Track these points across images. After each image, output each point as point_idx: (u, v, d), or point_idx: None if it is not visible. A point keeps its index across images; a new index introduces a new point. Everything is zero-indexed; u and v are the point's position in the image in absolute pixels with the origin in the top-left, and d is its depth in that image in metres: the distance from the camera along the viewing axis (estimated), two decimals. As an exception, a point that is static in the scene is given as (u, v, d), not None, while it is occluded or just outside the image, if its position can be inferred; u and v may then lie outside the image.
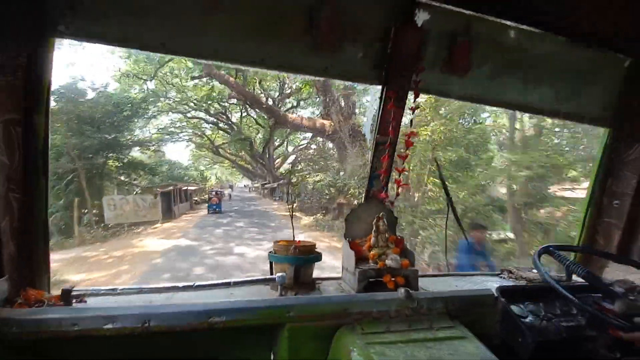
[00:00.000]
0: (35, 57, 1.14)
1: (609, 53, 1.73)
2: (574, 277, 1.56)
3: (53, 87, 1.26)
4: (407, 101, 1.55)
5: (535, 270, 1.66)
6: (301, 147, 32.17)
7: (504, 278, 1.72)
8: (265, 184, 38.75)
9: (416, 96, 1.55)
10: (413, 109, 1.61)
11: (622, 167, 1.80)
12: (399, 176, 1.64)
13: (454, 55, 1.54)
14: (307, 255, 1.47)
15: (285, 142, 34.57)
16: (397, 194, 1.70)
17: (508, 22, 1.54)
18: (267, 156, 33.11)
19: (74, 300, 1.18)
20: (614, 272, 1.74)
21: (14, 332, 0.97)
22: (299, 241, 1.52)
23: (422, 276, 1.58)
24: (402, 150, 1.66)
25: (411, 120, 1.80)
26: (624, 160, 1.79)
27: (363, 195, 1.66)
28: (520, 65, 1.69)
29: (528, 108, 1.84)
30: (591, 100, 1.83)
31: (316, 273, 1.55)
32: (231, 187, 66.93)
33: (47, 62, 1.19)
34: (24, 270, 1.18)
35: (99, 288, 1.27)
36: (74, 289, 1.18)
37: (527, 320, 1.26)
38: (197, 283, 1.33)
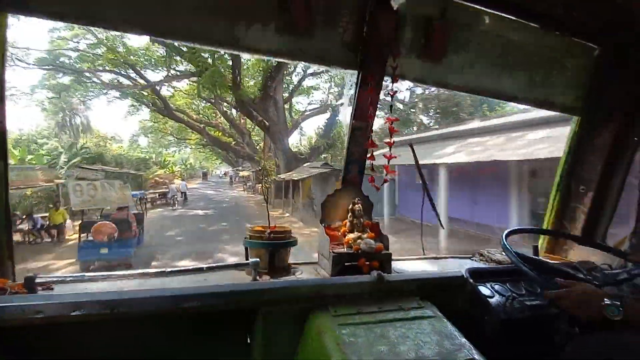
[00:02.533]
0: None
1: (579, 41, 1.77)
2: (543, 259, 1.64)
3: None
4: (382, 86, 1.55)
5: (504, 253, 1.72)
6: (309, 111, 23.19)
7: (475, 260, 1.78)
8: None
9: (394, 81, 1.55)
10: (392, 95, 1.60)
11: (589, 154, 1.87)
12: (388, 163, 1.63)
13: (430, 40, 1.54)
14: (282, 240, 1.47)
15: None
16: (386, 180, 1.71)
17: (483, 8, 1.55)
18: (273, 107, 16.78)
19: (39, 288, 1.14)
20: (578, 254, 1.82)
21: None
22: (274, 226, 1.52)
23: (397, 260, 1.62)
24: (386, 140, 1.65)
25: (390, 106, 1.80)
26: (590, 146, 1.86)
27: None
28: (494, 52, 1.71)
29: (502, 95, 1.87)
30: (562, 88, 1.88)
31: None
32: (205, 175, 56.04)
33: (0, 39, 1.12)
34: None
35: (65, 275, 1.23)
36: (38, 276, 1.14)
37: (494, 300, 1.31)
38: (169, 269, 1.31)
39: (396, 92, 1.61)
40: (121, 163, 25.08)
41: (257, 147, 26.32)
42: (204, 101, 23.64)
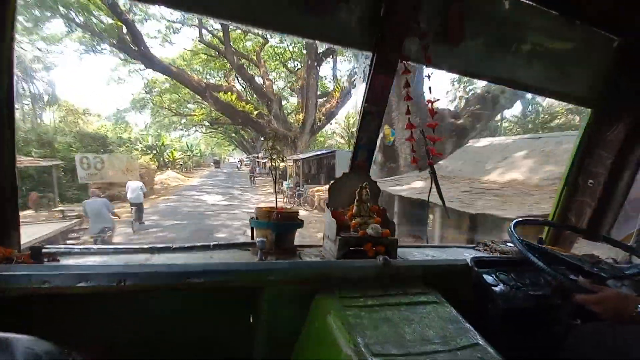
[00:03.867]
0: None
1: (598, 32, 1.72)
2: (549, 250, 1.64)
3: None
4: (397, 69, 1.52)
5: (509, 244, 1.72)
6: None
7: (479, 250, 1.78)
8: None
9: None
10: (429, 76, 1.56)
11: (600, 148, 1.85)
12: (433, 144, 1.60)
13: (448, 24, 1.49)
14: (288, 222, 1.46)
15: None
16: (430, 163, 1.65)
17: None
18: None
19: (45, 259, 1.14)
20: (581, 248, 1.83)
21: None
22: (282, 208, 1.51)
23: (402, 246, 1.62)
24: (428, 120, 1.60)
25: (429, 88, 1.68)
26: (602, 140, 1.84)
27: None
28: (511, 39, 1.66)
29: (516, 84, 1.83)
30: (578, 79, 1.84)
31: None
32: (217, 163, 47.61)
33: (9, 13, 1.08)
34: None
35: (72, 247, 1.23)
36: (44, 246, 1.14)
37: (498, 288, 1.32)
38: (176, 245, 1.31)
39: (432, 73, 1.57)
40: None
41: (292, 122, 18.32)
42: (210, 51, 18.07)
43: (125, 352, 1.11)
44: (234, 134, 36.18)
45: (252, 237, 1.46)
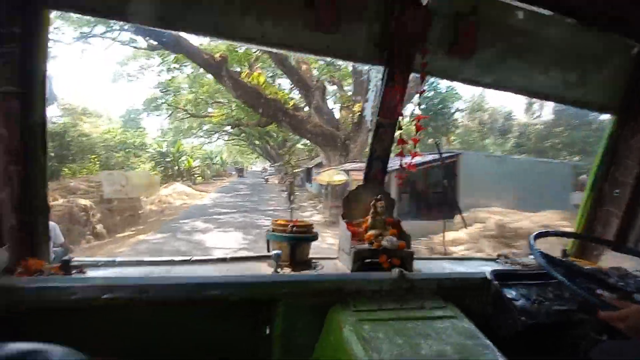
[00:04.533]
0: (30, 29, 1.12)
1: (618, 38, 1.68)
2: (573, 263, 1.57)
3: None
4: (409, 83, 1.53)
5: (531, 257, 1.67)
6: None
7: (499, 263, 1.74)
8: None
9: (422, 79, 1.53)
10: (420, 93, 1.58)
11: (626, 156, 1.78)
12: (412, 160, 1.61)
13: (460, 36, 1.50)
14: (303, 235, 1.48)
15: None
16: (404, 176, 1.69)
17: (516, 3, 1.50)
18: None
19: (73, 271, 1.20)
20: (610, 260, 1.75)
21: (14, 300, 1.00)
22: (297, 220, 1.53)
23: (418, 259, 1.59)
24: (412, 135, 1.62)
25: (419, 104, 1.75)
26: (628, 148, 1.77)
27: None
28: (527, 48, 1.65)
29: (534, 93, 1.81)
30: (599, 86, 1.79)
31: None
32: (241, 171, 42.44)
33: (42, 34, 1.17)
34: (25, 240, 1.20)
35: (97, 259, 1.30)
36: (73, 259, 1.20)
37: (519, 303, 1.28)
38: (194, 258, 1.35)
39: (424, 90, 1.58)
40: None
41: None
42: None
43: None
44: (257, 141, 31.48)
45: (268, 250, 1.49)
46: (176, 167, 23.89)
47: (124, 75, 19.69)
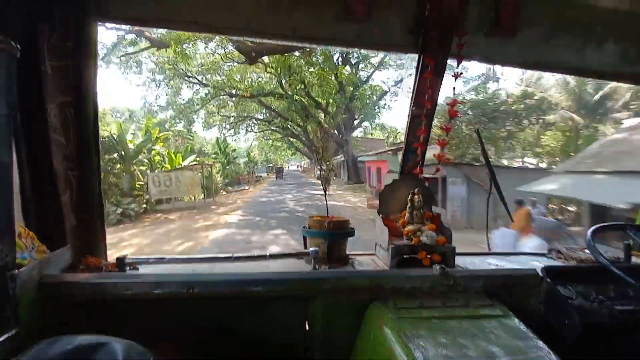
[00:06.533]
0: (82, 41, 1.21)
1: None
2: (635, 260, 1.43)
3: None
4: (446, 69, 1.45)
5: (587, 251, 1.53)
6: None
7: (551, 258, 1.61)
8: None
9: (459, 62, 1.44)
10: (456, 76, 1.49)
11: None
12: (442, 150, 1.55)
13: (500, 16, 1.39)
14: (340, 231, 1.47)
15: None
16: (437, 169, 1.63)
17: None
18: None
19: (127, 268, 1.30)
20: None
21: (77, 295, 1.09)
22: (333, 217, 1.53)
23: (461, 254, 1.53)
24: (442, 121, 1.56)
25: (454, 89, 1.66)
26: None
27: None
28: (577, 23, 1.49)
29: (587, 72, 1.64)
30: None
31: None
32: (280, 172, 36.62)
33: (93, 45, 1.26)
34: (84, 239, 1.31)
35: (148, 257, 1.39)
36: (127, 257, 1.29)
37: (576, 302, 1.19)
38: (236, 255, 1.40)
39: (461, 73, 1.49)
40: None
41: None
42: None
43: (192, 350, 1.21)
44: (292, 137, 27.69)
45: (305, 247, 1.50)
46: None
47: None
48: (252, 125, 27.88)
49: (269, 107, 22.30)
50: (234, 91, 19.90)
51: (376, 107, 22.44)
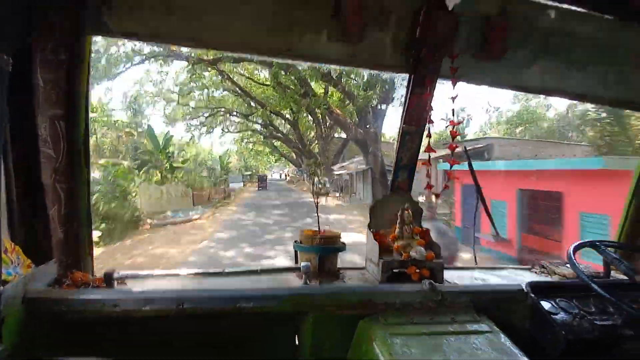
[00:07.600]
0: (75, 54, 1.21)
1: None
2: (614, 274, 1.49)
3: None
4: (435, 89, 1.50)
5: (568, 266, 1.59)
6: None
7: (535, 272, 1.66)
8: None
9: (453, 85, 1.49)
10: (453, 98, 1.54)
11: None
12: (450, 168, 1.57)
13: (489, 39, 1.45)
14: (331, 245, 1.49)
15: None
16: (446, 187, 1.67)
17: (549, 2, 1.44)
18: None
19: (115, 283, 1.27)
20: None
21: (63, 311, 1.06)
22: (324, 231, 1.54)
23: (448, 269, 1.56)
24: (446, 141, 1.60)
25: (453, 110, 1.70)
26: None
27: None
28: (561, 48, 1.57)
29: (569, 94, 1.72)
30: None
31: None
32: (262, 180, 30.55)
33: (85, 59, 1.25)
34: (71, 253, 1.28)
35: (137, 272, 1.36)
36: (115, 272, 1.27)
37: (558, 317, 1.22)
38: (227, 270, 1.39)
39: (456, 95, 1.54)
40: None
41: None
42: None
43: None
44: (275, 138, 24.45)
45: (296, 261, 1.50)
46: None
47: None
48: (229, 125, 24.08)
49: (246, 92, 17.30)
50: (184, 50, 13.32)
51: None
